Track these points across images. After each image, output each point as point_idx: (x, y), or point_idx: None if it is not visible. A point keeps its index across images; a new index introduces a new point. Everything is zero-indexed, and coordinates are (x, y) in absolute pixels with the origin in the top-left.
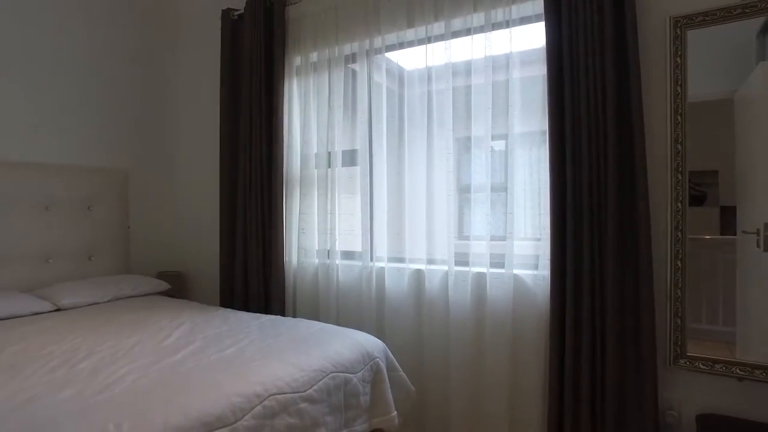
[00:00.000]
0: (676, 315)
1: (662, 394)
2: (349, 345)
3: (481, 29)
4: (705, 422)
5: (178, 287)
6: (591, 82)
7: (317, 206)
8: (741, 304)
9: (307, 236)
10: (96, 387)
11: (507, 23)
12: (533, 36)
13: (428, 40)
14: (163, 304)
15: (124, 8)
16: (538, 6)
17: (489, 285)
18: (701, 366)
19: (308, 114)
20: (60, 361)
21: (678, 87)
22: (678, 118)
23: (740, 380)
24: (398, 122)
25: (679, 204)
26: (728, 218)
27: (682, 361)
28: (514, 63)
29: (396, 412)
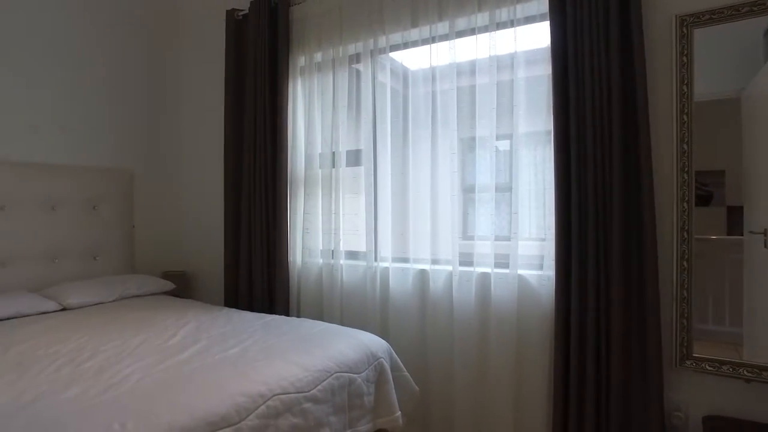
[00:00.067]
0: (682, 316)
1: (668, 396)
2: (353, 345)
3: (486, 29)
4: (712, 424)
5: (183, 287)
6: (596, 82)
7: (321, 206)
8: (748, 305)
9: (312, 236)
10: (101, 386)
11: (511, 23)
12: (538, 35)
13: (432, 40)
14: (168, 304)
15: (130, 9)
16: (543, 5)
17: (493, 285)
18: (708, 367)
19: (312, 114)
20: (66, 360)
21: (684, 86)
22: (684, 118)
23: (748, 382)
24: (402, 122)
25: (686, 204)
26: (735, 218)
27: (689, 362)
28: (519, 63)
29: (400, 413)
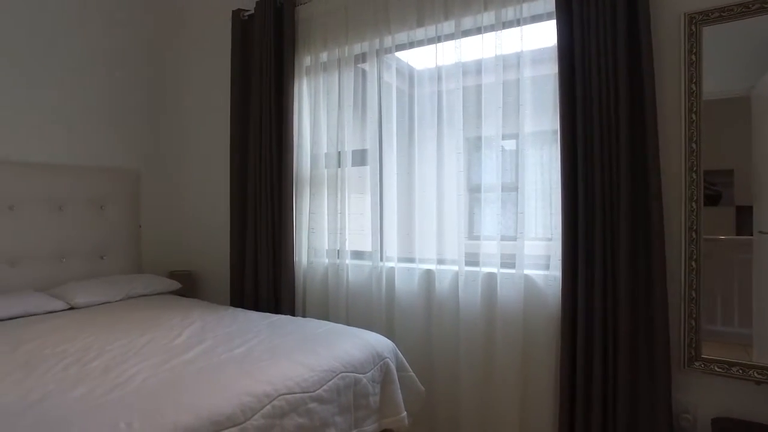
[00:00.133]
0: (691, 316)
1: (676, 397)
2: (359, 345)
3: (492, 28)
4: (721, 426)
5: (189, 286)
6: (603, 81)
7: (327, 206)
8: (757, 306)
9: (317, 236)
10: (107, 386)
11: (518, 22)
12: (544, 34)
13: (438, 40)
14: (174, 304)
15: (135, 9)
16: (550, 4)
17: (499, 285)
18: (717, 369)
19: (318, 114)
20: (72, 360)
21: (693, 85)
22: (692, 117)
23: (758, 384)
24: (408, 122)
25: (694, 204)
26: (744, 218)
27: (697, 364)
28: (525, 62)
29: (406, 413)
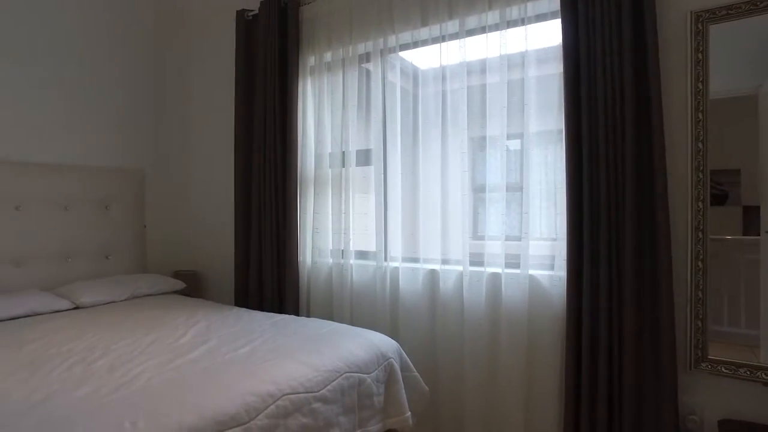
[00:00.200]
0: (697, 317)
1: (683, 398)
2: (363, 345)
3: (496, 27)
4: (728, 428)
5: (194, 286)
6: (608, 80)
7: (331, 206)
8: (765, 307)
9: (321, 236)
10: (112, 385)
11: (522, 21)
12: (549, 34)
13: (442, 39)
14: (179, 303)
15: (140, 10)
16: (554, 3)
17: (504, 285)
18: (724, 370)
19: (322, 114)
20: (78, 359)
21: (699, 83)
22: (699, 116)
23: (766, 385)
24: (412, 122)
25: (700, 203)
26: (751, 218)
27: (704, 365)
28: (530, 61)
29: (410, 413)
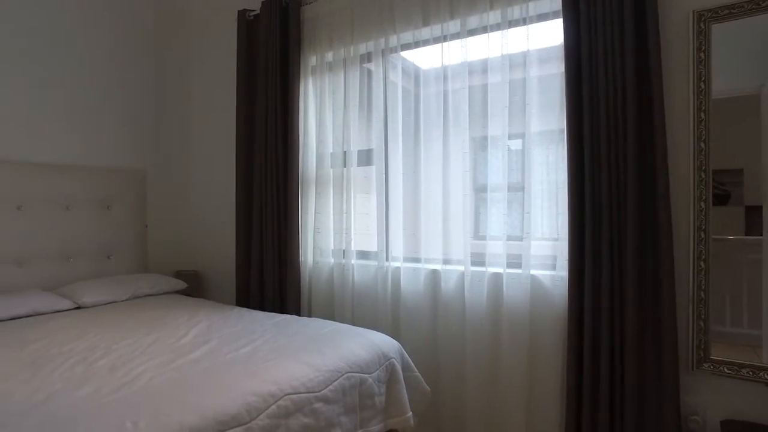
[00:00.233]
0: (699, 317)
1: (685, 399)
2: (365, 345)
3: (498, 27)
4: (730, 429)
5: (195, 286)
6: (610, 79)
7: (333, 206)
8: (767, 307)
9: (323, 236)
10: (114, 385)
11: (524, 20)
12: (551, 33)
13: (444, 39)
14: (181, 303)
15: (142, 10)
16: (556, 3)
17: (506, 285)
18: (726, 370)
19: (324, 114)
20: (79, 359)
21: (701, 83)
22: (701, 116)
23: None
24: (414, 122)
25: (703, 203)
26: (753, 218)
27: (706, 365)
28: (532, 61)
29: (411, 413)
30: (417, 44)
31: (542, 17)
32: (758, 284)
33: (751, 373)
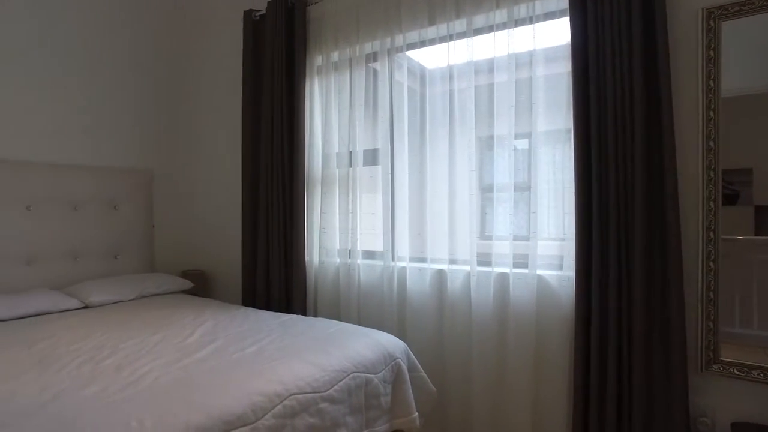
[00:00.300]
0: (708, 318)
1: (694, 400)
2: (370, 345)
3: (504, 26)
4: (741, 431)
5: (202, 286)
6: (618, 78)
7: (338, 205)
8: None
9: (329, 236)
10: (120, 384)
11: (530, 19)
12: (557, 32)
13: (450, 38)
14: (187, 303)
15: (148, 10)
16: (563, 1)
17: (512, 286)
18: (736, 372)
19: (329, 113)
20: (86, 358)
21: (711, 81)
22: (710, 114)
23: None
24: (420, 121)
25: (712, 203)
26: (763, 218)
27: (716, 367)
28: (538, 60)
29: (417, 413)
30: (423, 44)
31: (549, 16)
32: None
33: (762, 375)
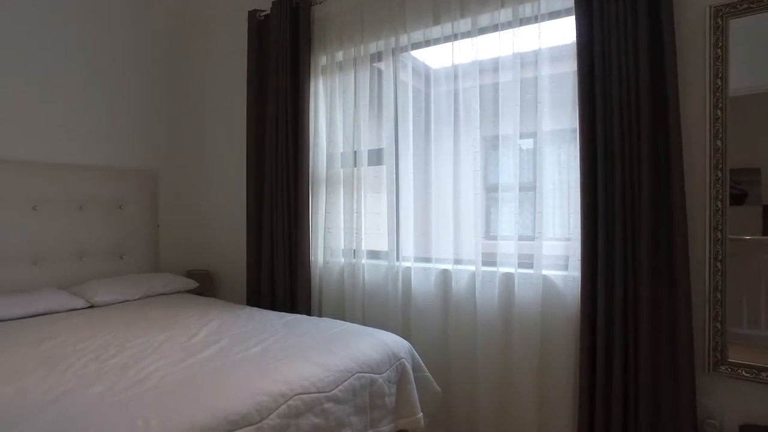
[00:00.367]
0: (716, 319)
1: (701, 402)
2: (375, 345)
3: (509, 25)
4: None
5: (207, 286)
6: (624, 77)
7: (343, 205)
8: None
9: (333, 235)
10: (126, 383)
11: (535, 18)
12: (563, 31)
13: (455, 38)
14: (192, 302)
15: (153, 10)
16: (568, 0)
17: (517, 286)
18: (744, 373)
19: (334, 113)
20: (92, 357)
21: (718, 80)
22: (718, 113)
23: None
24: (424, 121)
25: (719, 203)
26: None
27: (723, 368)
28: (543, 59)
29: (422, 413)
30: (427, 43)
31: (554, 15)
32: None
33: None
